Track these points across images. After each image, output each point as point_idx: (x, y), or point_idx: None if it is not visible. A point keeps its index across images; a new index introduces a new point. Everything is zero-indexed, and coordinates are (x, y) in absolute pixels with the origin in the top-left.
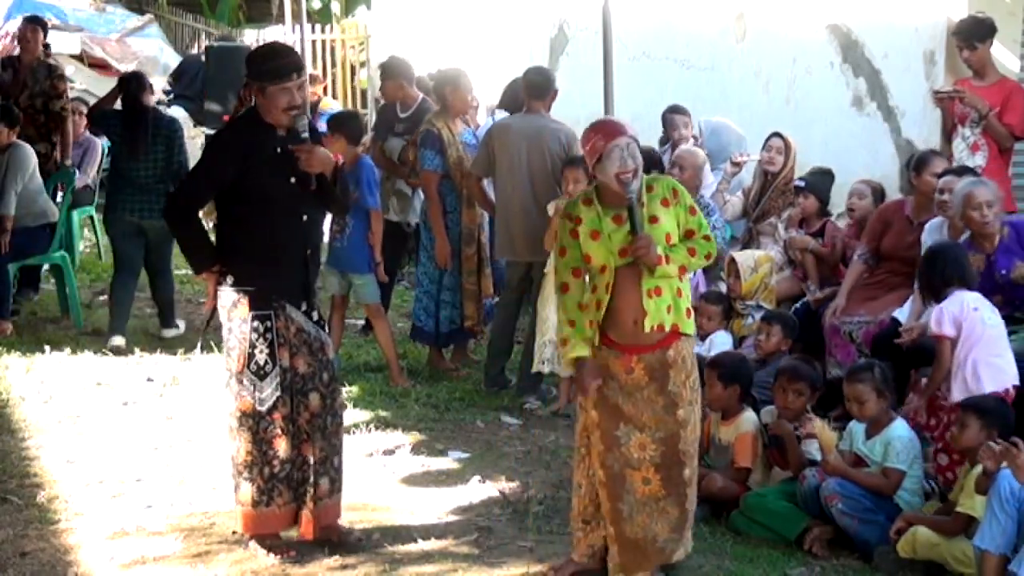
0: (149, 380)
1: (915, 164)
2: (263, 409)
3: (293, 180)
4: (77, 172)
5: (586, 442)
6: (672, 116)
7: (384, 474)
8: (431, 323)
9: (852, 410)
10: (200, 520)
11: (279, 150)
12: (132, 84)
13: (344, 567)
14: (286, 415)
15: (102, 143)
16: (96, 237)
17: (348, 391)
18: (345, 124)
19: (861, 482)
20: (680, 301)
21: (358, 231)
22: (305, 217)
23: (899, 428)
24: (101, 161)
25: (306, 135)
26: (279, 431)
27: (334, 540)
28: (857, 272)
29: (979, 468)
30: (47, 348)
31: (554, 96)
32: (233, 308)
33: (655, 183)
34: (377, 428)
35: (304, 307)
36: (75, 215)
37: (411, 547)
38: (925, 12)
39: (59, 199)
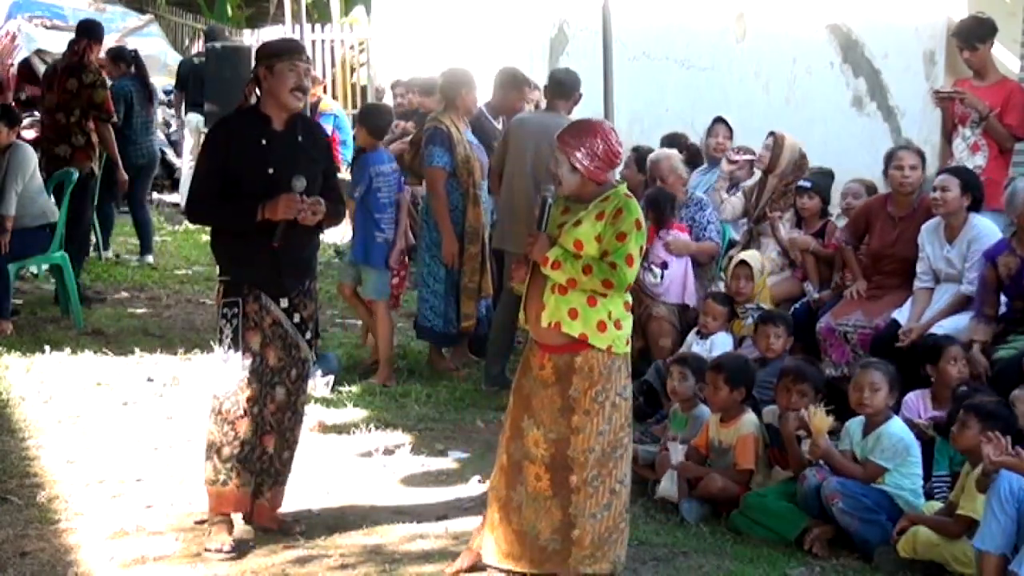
0: (149, 380)
1: (884, 159)
2: (225, 393)
3: (271, 171)
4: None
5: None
6: (715, 126)
7: (384, 474)
8: (440, 322)
9: (858, 399)
10: (200, 520)
11: (264, 141)
12: (141, 60)
13: (344, 567)
14: (251, 398)
15: None
16: (96, 237)
17: (348, 391)
18: (367, 117)
19: (842, 468)
20: (592, 311)
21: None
22: None
23: (894, 426)
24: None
25: (302, 138)
26: (241, 413)
27: (273, 528)
28: (853, 255)
29: (979, 468)
30: (47, 348)
31: (578, 99)
32: (216, 296)
33: (614, 197)
34: (377, 428)
35: (284, 304)
36: None
37: (411, 547)
38: (925, 12)
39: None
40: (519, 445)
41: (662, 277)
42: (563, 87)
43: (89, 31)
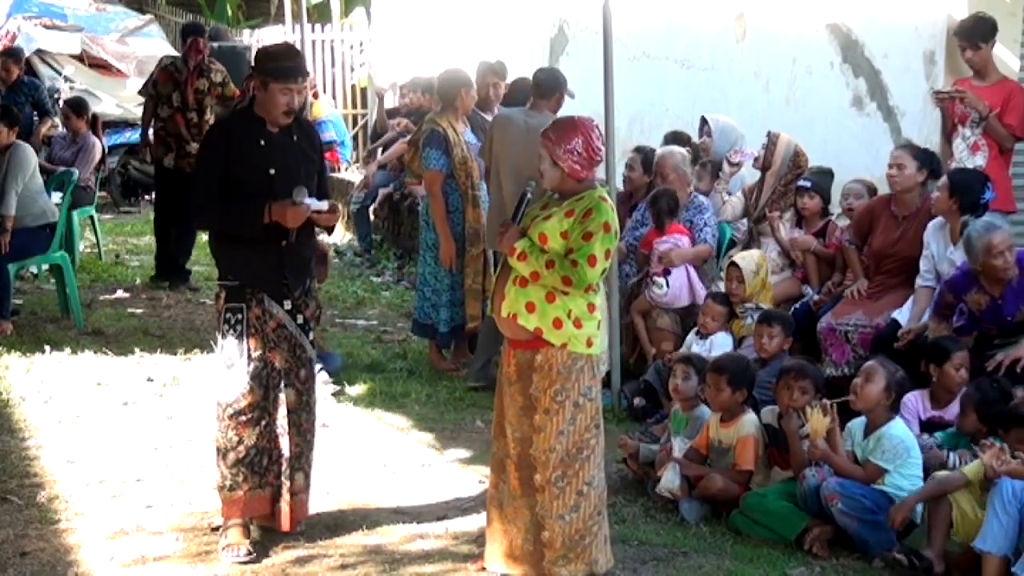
0: (149, 380)
1: (890, 158)
2: (228, 399)
3: (272, 172)
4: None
5: None
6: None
7: (384, 474)
8: (441, 322)
9: (855, 391)
10: (200, 520)
11: (262, 142)
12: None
13: (344, 567)
14: (255, 403)
15: (102, 143)
16: (96, 237)
17: (348, 391)
18: None
19: (841, 469)
20: (549, 307)
21: None
22: None
23: (895, 427)
24: (104, 161)
25: (296, 138)
26: (245, 419)
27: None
28: (856, 255)
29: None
30: (47, 348)
31: (560, 98)
32: (216, 300)
33: (587, 197)
34: (377, 428)
35: (288, 306)
36: (75, 215)
37: (411, 547)
38: (925, 12)
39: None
40: (502, 443)
41: (667, 285)
42: (541, 88)
43: (197, 31)
